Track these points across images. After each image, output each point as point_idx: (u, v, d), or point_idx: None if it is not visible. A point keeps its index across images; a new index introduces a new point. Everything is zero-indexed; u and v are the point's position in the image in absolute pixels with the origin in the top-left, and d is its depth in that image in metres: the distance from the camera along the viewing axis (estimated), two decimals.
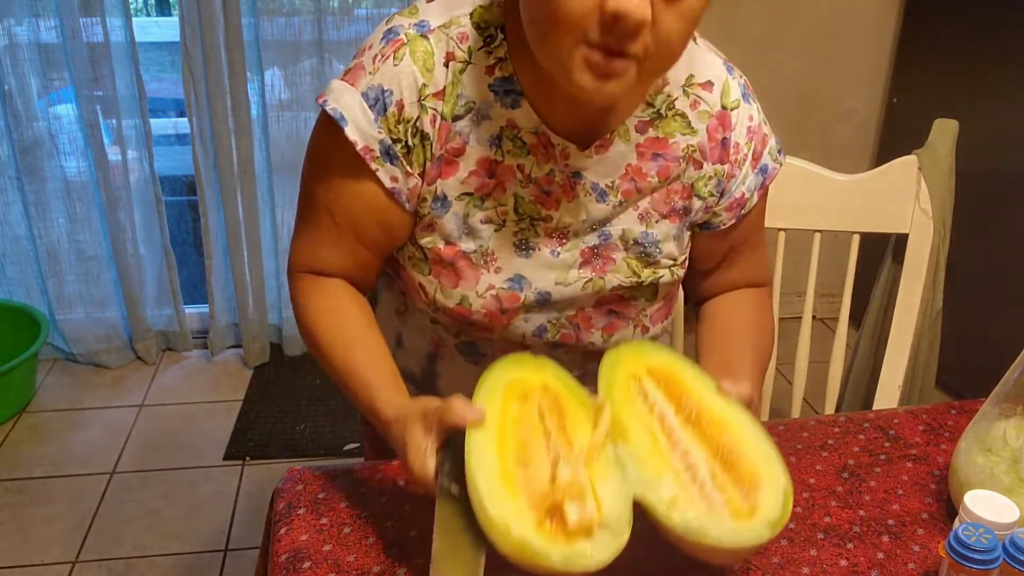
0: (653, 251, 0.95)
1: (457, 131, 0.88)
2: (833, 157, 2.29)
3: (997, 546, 0.74)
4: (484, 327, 0.95)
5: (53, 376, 2.62)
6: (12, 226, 2.50)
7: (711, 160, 0.95)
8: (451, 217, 0.91)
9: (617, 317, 0.98)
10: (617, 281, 0.95)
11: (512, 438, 0.76)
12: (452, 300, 0.93)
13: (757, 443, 0.78)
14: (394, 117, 0.86)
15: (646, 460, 0.77)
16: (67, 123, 2.40)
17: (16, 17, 2.26)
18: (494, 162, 0.89)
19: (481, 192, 0.90)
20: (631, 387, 0.83)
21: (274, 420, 2.42)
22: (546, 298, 0.94)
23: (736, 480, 0.76)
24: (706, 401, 0.82)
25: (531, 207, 0.91)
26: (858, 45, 2.72)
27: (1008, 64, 2.24)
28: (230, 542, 1.99)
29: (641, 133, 0.92)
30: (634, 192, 0.93)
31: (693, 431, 0.79)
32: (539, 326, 0.95)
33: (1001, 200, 2.29)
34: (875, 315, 1.50)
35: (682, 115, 0.93)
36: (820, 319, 3.00)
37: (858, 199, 1.34)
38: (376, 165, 0.88)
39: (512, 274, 0.92)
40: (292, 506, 0.91)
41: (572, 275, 0.94)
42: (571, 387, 0.83)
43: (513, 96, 0.88)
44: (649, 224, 0.95)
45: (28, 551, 1.94)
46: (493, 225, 0.91)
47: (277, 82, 2.43)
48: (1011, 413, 0.88)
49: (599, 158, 0.91)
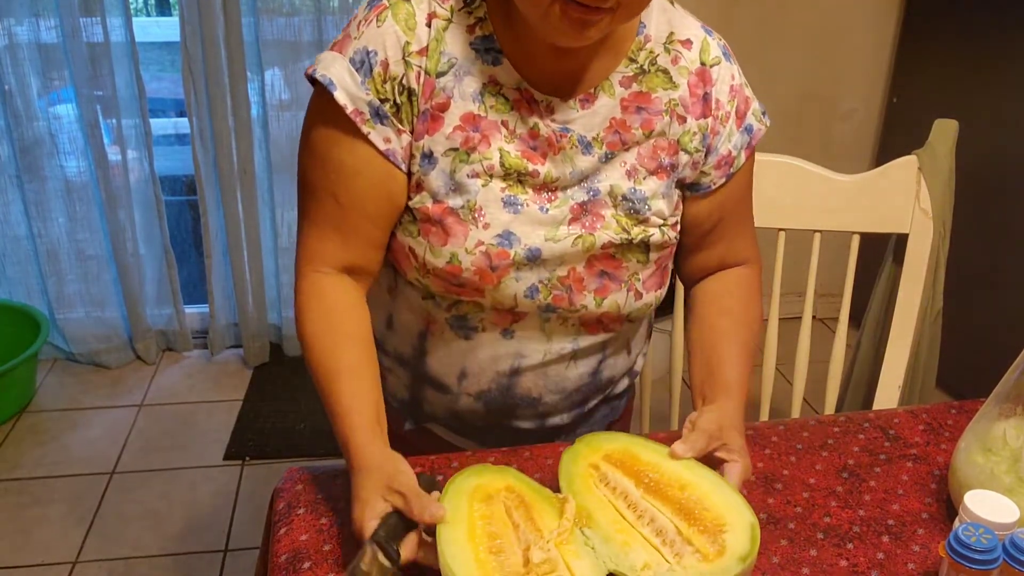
0: (642, 208, 0.96)
1: (441, 87, 0.90)
2: (833, 157, 2.30)
3: (997, 546, 0.74)
4: (475, 288, 0.94)
5: (53, 376, 2.62)
6: (12, 226, 2.50)
7: (694, 115, 0.97)
8: (438, 174, 0.92)
9: (609, 279, 0.98)
10: (607, 238, 0.95)
11: (482, 532, 0.78)
12: (442, 259, 0.93)
13: (718, 492, 0.83)
14: (380, 77, 0.89)
15: (613, 537, 0.80)
16: (67, 123, 2.40)
17: (16, 17, 2.26)
18: (478, 116, 0.91)
19: (466, 146, 0.92)
20: (591, 475, 0.87)
21: (274, 420, 2.42)
22: (536, 255, 0.94)
23: (702, 530, 0.79)
24: (663, 468, 0.86)
25: (517, 161, 0.92)
26: (858, 45, 2.72)
27: (1008, 64, 2.24)
28: (230, 542, 1.99)
29: (625, 88, 0.94)
30: (619, 144, 0.95)
31: (655, 498, 0.83)
32: (530, 286, 0.95)
33: (1001, 200, 2.29)
34: (875, 315, 1.50)
35: (664, 71, 0.96)
36: (820, 319, 3.00)
37: (858, 199, 1.34)
38: (367, 128, 0.90)
39: (501, 230, 0.93)
40: (292, 506, 0.91)
41: (562, 231, 0.94)
42: (533, 486, 0.85)
43: (493, 54, 0.91)
44: (637, 180, 0.96)
45: (28, 551, 1.94)
46: (480, 180, 0.92)
47: (277, 82, 2.43)
48: (1011, 413, 0.88)
49: (584, 112, 0.93)
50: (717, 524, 0.79)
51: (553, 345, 1.01)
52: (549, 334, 1.00)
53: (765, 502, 0.93)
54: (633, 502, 0.84)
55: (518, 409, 1.06)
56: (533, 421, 1.08)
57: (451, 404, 1.06)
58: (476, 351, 1.00)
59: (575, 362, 1.03)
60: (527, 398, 1.04)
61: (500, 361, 1.01)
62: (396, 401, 1.12)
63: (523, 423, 1.08)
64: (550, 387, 1.04)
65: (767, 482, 0.97)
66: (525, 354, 1.00)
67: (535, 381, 1.03)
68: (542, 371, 1.02)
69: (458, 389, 1.04)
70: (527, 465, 0.98)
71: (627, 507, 0.83)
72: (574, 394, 1.06)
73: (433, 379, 1.05)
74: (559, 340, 1.01)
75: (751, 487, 0.96)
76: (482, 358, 1.01)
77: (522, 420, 1.07)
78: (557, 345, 1.01)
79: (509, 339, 1.00)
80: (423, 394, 1.08)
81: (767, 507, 0.93)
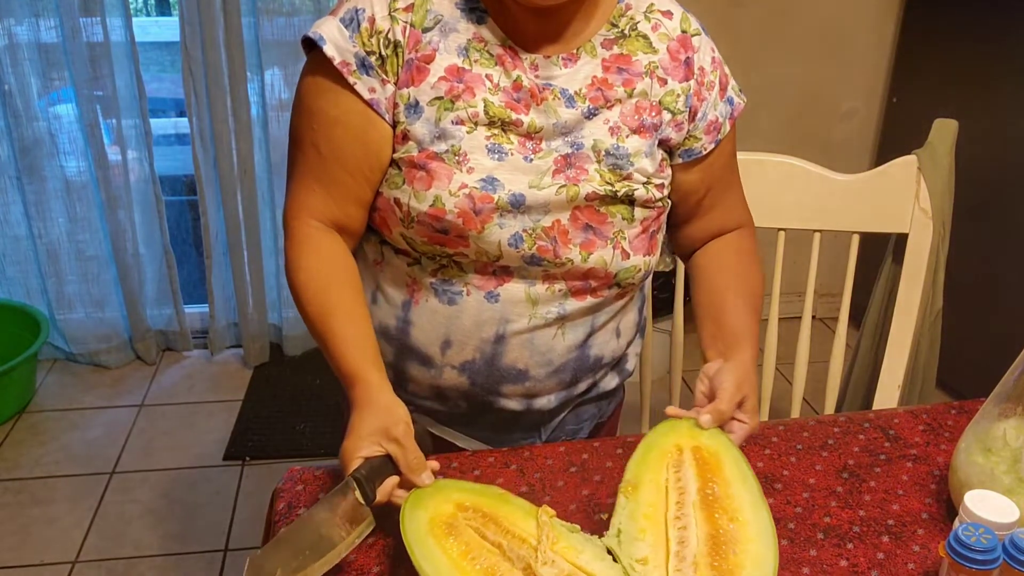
0: (624, 164, 0.98)
1: (427, 41, 0.95)
2: (833, 157, 2.29)
3: (997, 546, 0.74)
4: (459, 234, 0.95)
5: (53, 376, 2.62)
6: (12, 226, 2.50)
7: (675, 78, 1.02)
8: (423, 123, 0.95)
9: (595, 234, 0.99)
10: (591, 189, 0.97)
11: (472, 570, 0.75)
12: (425, 203, 0.95)
13: (759, 542, 0.79)
14: (367, 31, 0.94)
15: (639, 519, 0.80)
16: (67, 123, 2.40)
17: (16, 17, 2.26)
18: (462, 69, 0.96)
19: (451, 95, 0.95)
20: (670, 455, 0.86)
21: (274, 420, 2.42)
22: (520, 200, 0.95)
23: (715, 568, 0.76)
24: (734, 491, 0.83)
25: (500, 110, 0.95)
26: (858, 45, 2.72)
27: (1008, 64, 2.24)
28: (230, 542, 1.99)
29: (607, 50, 0.99)
30: (601, 100, 0.98)
31: (702, 513, 0.81)
32: (514, 234, 0.96)
33: (1001, 200, 2.29)
34: (875, 315, 1.50)
35: (644, 36, 1.01)
36: (820, 319, 3.00)
37: (858, 199, 1.34)
38: (354, 78, 0.95)
39: (485, 175, 0.95)
40: (292, 506, 0.91)
41: (545, 181, 0.96)
42: (478, 490, 0.84)
43: (478, 13, 0.97)
44: (620, 138, 0.99)
45: (28, 551, 1.94)
46: (465, 127, 0.95)
47: (277, 82, 2.43)
48: (1011, 413, 0.88)
49: (567, 70, 0.98)
50: (734, 569, 0.76)
51: (539, 309, 1.01)
52: (535, 299, 1.00)
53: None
54: (682, 502, 0.82)
55: (503, 384, 1.04)
56: (519, 401, 1.06)
57: (435, 379, 1.05)
58: (461, 317, 1.01)
59: (562, 331, 1.03)
60: (512, 370, 1.03)
61: (485, 327, 1.01)
62: None
63: (508, 402, 1.06)
64: (536, 358, 1.03)
65: (767, 482, 0.97)
66: (510, 319, 1.00)
67: (520, 351, 1.02)
68: (528, 338, 1.02)
69: (442, 361, 1.04)
70: (527, 465, 0.98)
71: (676, 503, 0.82)
72: (562, 370, 1.05)
73: (417, 351, 1.04)
74: (545, 305, 1.01)
75: None
76: (467, 324, 1.01)
77: (507, 399, 1.06)
78: (543, 309, 1.01)
79: (494, 303, 1.00)
80: (407, 371, 1.07)
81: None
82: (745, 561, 0.77)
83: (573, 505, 0.92)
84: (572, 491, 0.94)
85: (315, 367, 2.69)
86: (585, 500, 0.93)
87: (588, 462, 0.99)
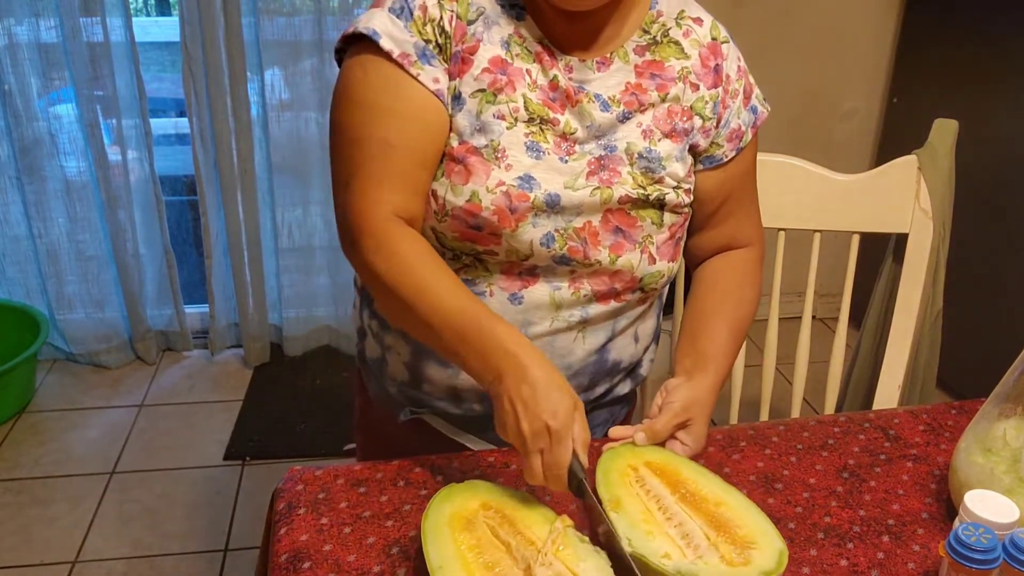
0: (656, 167, 0.99)
1: (472, 33, 0.94)
2: (833, 157, 2.29)
3: (997, 546, 0.74)
4: (492, 231, 0.95)
5: (53, 376, 2.62)
6: (12, 226, 2.50)
7: (705, 84, 1.02)
8: (465, 114, 0.94)
9: (624, 238, 0.99)
10: (624, 191, 0.97)
11: (476, 565, 0.77)
12: (462, 197, 0.94)
13: (752, 516, 0.83)
14: (420, 20, 0.93)
15: (639, 524, 0.81)
16: (67, 123, 2.40)
17: (16, 17, 2.26)
18: (505, 61, 0.95)
19: (493, 87, 0.94)
20: (629, 475, 0.88)
21: (274, 420, 2.42)
22: (555, 200, 0.95)
23: (731, 541, 0.80)
24: (702, 483, 0.87)
25: (539, 108, 0.95)
26: (858, 45, 2.72)
27: (1008, 64, 2.24)
28: (230, 542, 1.99)
29: (639, 56, 1.00)
30: (635, 104, 0.98)
31: (688, 507, 0.84)
32: (547, 233, 0.96)
33: (1001, 200, 2.29)
34: (875, 315, 1.50)
35: (676, 43, 1.01)
36: (820, 319, 3.00)
37: (858, 199, 1.34)
38: (416, 69, 0.93)
39: (523, 172, 0.94)
40: (292, 506, 0.91)
41: (580, 182, 0.96)
42: (507, 493, 0.85)
43: (517, 10, 0.96)
44: (652, 141, 0.99)
45: (28, 551, 1.94)
46: (505, 122, 0.94)
47: (277, 82, 2.43)
48: (1011, 413, 0.87)
49: (600, 74, 0.98)
50: (747, 540, 0.80)
51: (562, 312, 1.00)
52: (559, 303, 1.00)
53: (765, 502, 0.93)
54: (665, 506, 0.84)
55: None
56: None
57: (452, 379, 1.04)
58: None
59: (583, 335, 1.03)
60: None
61: None
62: (394, 386, 1.11)
63: None
64: (556, 362, 1.02)
65: (767, 482, 0.97)
66: (533, 321, 1.00)
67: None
68: (549, 341, 1.01)
69: None
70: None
71: (658, 508, 0.84)
72: (580, 374, 1.05)
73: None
74: (568, 309, 1.00)
75: (751, 487, 0.96)
76: None
77: None
78: (566, 312, 1.01)
79: (517, 305, 0.99)
80: (424, 371, 1.06)
81: (767, 507, 0.92)
82: (753, 533, 0.81)
83: (574, 505, 0.92)
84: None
85: (315, 367, 2.69)
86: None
87: (590, 462, 0.99)
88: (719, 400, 1.02)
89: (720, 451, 1.02)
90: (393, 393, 1.12)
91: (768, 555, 0.78)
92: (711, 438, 1.04)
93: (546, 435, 0.80)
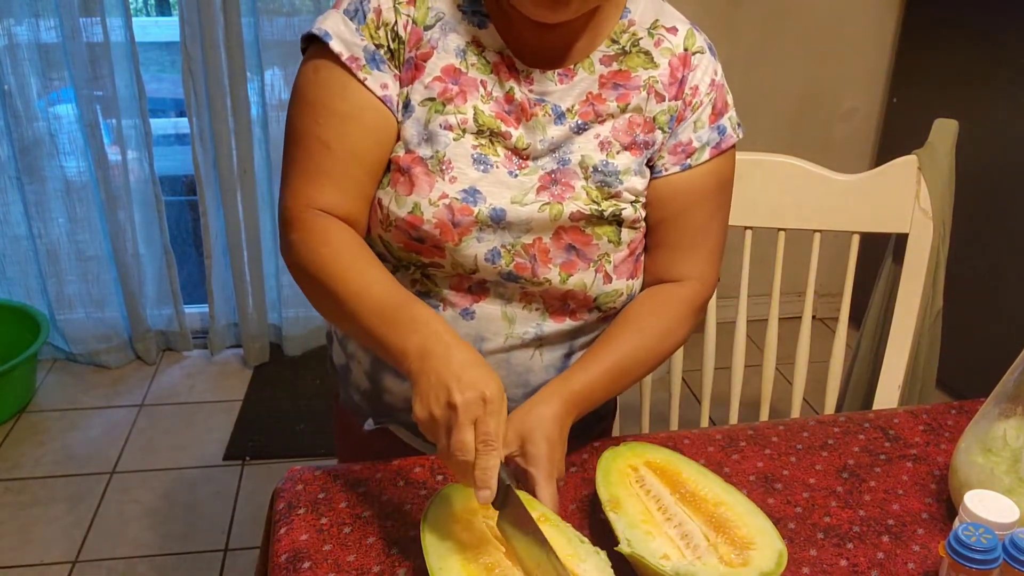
0: (613, 181, 0.95)
1: (427, 39, 0.93)
2: (833, 157, 2.29)
3: (997, 546, 0.74)
4: (435, 244, 0.93)
5: (53, 376, 2.62)
6: (12, 226, 2.50)
7: (669, 95, 0.98)
8: (413, 123, 0.93)
9: (577, 256, 0.96)
10: (576, 207, 0.93)
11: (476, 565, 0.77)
12: (404, 209, 0.92)
13: (753, 516, 0.83)
14: (373, 23, 0.92)
15: (638, 525, 0.81)
16: (67, 123, 2.40)
17: (16, 17, 2.26)
18: (459, 71, 0.93)
19: (443, 97, 0.93)
20: (629, 475, 0.88)
21: (274, 420, 2.42)
22: (501, 216, 0.92)
23: (730, 542, 0.80)
24: (702, 483, 0.87)
25: (490, 120, 0.93)
26: (858, 45, 2.72)
27: (1008, 64, 2.24)
28: (230, 542, 1.99)
29: (605, 66, 0.96)
30: (592, 115, 0.96)
31: (688, 507, 0.84)
32: (492, 249, 0.93)
33: (1001, 200, 2.29)
34: (875, 315, 1.50)
35: (645, 52, 0.97)
36: (820, 319, 3.00)
37: (858, 199, 1.34)
38: (364, 73, 0.92)
39: (467, 186, 0.92)
40: (292, 506, 0.91)
41: (529, 197, 0.94)
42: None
43: (480, 17, 0.94)
44: (610, 154, 0.96)
45: (28, 551, 1.94)
46: (452, 133, 0.93)
47: (277, 82, 2.43)
48: (1011, 413, 0.87)
49: (562, 86, 0.95)
50: (746, 541, 0.80)
51: (516, 328, 0.98)
52: (511, 318, 0.98)
53: (765, 502, 0.93)
54: (664, 506, 0.84)
55: None
56: None
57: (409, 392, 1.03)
58: None
59: (540, 352, 1.00)
60: None
61: None
62: (358, 394, 1.10)
63: None
64: (513, 379, 1.00)
65: (767, 482, 0.97)
66: (486, 336, 0.98)
67: (496, 370, 0.96)
68: (505, 358, 0.99)
69: None
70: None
71: (658, 509, 0.84)
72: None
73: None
74: (522, 324, 0.98)
75: (751, 487, 0.96)
76: None
77: None
78: (520, 329, 0.98)
79: (469, 320, 0.97)
80: (383, 382, 1.05)
81: (767, 507, 0.93)
82: (752, 533, 0.81)
83: (573, 505, 0.92)
84: (572, 491, 0.94)
85: (315, 367, 2.69)
86: (585, 500, 0.93)
87: (588, 462, 0.99)
88: (719, 400, 1.01)
89: (720, 451, 1.02)
90: (358, 400, 1.11)
91: (767, 556, 0.78)
92: (711, 438, 1.04)
93: (480, 404, 0.76)
